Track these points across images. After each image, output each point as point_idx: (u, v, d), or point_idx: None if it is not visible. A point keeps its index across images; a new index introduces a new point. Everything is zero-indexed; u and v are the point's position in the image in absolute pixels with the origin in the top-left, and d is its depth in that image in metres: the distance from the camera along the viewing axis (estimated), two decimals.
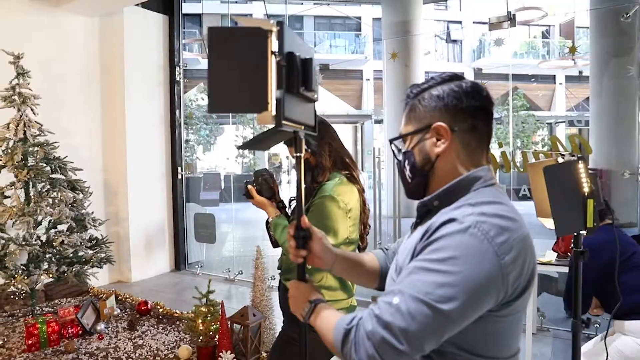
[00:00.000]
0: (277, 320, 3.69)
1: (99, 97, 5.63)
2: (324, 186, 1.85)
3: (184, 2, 6.35)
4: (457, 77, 1.11)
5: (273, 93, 0.95)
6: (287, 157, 20.38)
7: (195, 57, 16.05)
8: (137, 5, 5.51)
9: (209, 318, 3.40)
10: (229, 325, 3.38)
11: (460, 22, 21.31)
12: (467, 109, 1.06)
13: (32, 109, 4.17)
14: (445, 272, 0.89)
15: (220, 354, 3.22)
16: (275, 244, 2.05)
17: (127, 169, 5.56)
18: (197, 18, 19.29)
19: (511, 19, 4.11)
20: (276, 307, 3.74)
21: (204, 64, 15.58)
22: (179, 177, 6.06)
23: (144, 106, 5.77)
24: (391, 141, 1.17)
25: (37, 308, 4.49)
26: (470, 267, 0.89)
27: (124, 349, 3.73)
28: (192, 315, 3.51)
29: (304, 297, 1.17)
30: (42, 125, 4.20)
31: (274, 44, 0.94)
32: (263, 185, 2.00)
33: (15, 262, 3.81)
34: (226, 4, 8.27)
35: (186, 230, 6.19)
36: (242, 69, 0.96)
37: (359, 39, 21.13)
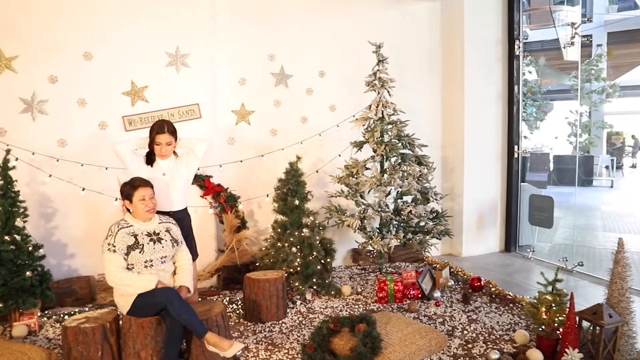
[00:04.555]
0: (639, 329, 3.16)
1: (440, 77, 5.92)
2: None
3: None
4: None
5: None
6: (633, 137, 17.27)
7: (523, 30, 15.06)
8: None
9: (554, 308, 3.17)
10: (578, 321, 3.07)
11: None
12: None
13: (388, 91, 4.69)
14: None
15: (566, 350, 2.96)
16: None
17: (464, 146, 5.70)
18: None
19: None
20: None
21: (532, 36, 14.48)
22: (515, 155, 5.84)
23: (482, 83, 5.75)
24: None
25: (383, 267, 5.12)
26: None
27: (459, 320, 3.87)
28: (534, 301, 3.34)
29: None
30: (395, 106, 4.68)
31: None
32: None
33: (372, 225, 4.42)
34: None
35: (519, 211, 5.95)
36: None
37: None
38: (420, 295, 4.33)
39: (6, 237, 3.65)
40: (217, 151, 4.91)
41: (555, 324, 3.19)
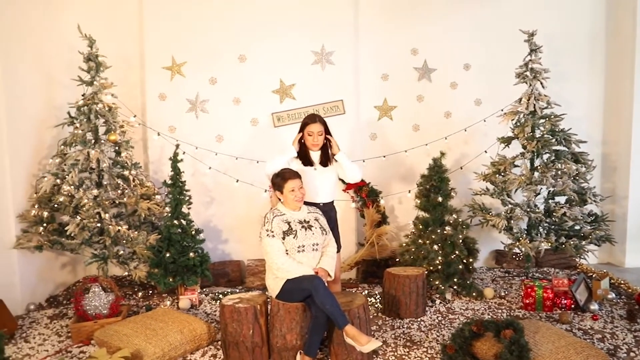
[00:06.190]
0: None
1: (603, 65, 5.31)
2: None
3: None
4: None
5: None
6: None
7: None
8: None
9: None
10: None
11: None
12: None
13: (541, 83, 4.34)
14: None
15: None
16: None
17: (631, 142, 5.04)
18: None
19: None
20: None
21: None
22: None
23: None
24: None
25: (530, 272, 4.77)
26: None
27: (623, 339, 3.44)
28: None
29: None
30: (549, 98, 4.31)
31: None
32: None
33: (519, 226, 4.15)
34: None
35: None
36: None
37: None
38: (573, 306, 3.96)
39: (175, 222, 4.14)
40: (360, 146, 5.01)
41: None
